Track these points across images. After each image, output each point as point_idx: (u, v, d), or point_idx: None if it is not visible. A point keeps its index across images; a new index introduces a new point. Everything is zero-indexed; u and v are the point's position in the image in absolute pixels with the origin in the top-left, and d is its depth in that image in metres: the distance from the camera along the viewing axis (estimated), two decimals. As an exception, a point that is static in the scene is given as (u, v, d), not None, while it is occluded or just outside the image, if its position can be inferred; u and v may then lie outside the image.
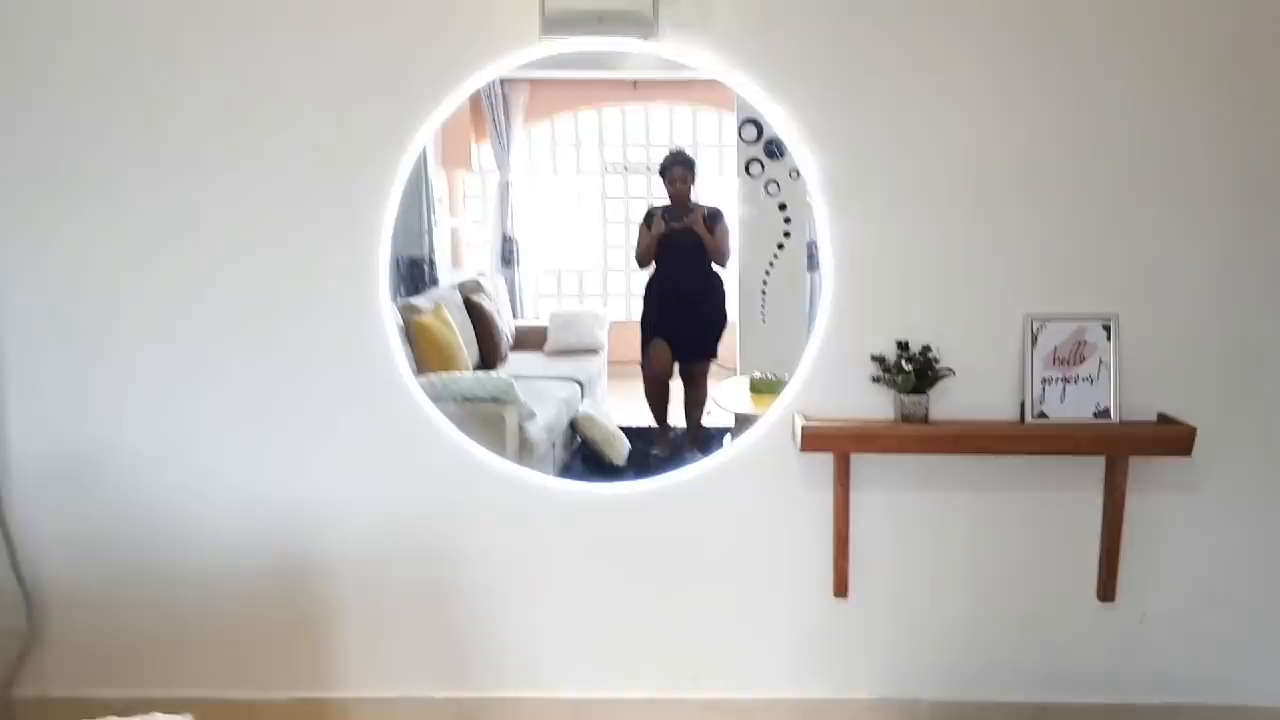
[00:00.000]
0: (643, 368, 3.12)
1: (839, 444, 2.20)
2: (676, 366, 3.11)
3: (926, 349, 2.18)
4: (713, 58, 2.14)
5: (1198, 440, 2.09)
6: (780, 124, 2.17)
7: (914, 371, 2.17)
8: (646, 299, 3.10)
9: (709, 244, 2.96)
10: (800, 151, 2.17)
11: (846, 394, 2.24)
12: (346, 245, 2.23)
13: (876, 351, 2.21)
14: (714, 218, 2.97)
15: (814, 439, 2.17)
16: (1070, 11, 2.08)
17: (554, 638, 2.41)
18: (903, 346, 2.20)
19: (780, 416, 2.28)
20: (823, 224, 2.20)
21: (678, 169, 2.99)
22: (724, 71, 2.14)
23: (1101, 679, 2.35)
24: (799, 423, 2.17)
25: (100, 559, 2.39)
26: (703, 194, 3.07)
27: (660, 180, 3.02)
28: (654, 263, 3.03)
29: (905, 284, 2.20)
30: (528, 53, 2.14)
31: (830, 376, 2.25)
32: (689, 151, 3.04)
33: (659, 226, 2.99)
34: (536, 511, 2.34)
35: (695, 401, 3.08)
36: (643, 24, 2.07)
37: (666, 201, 3.00)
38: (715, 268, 3.01)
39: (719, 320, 3.08)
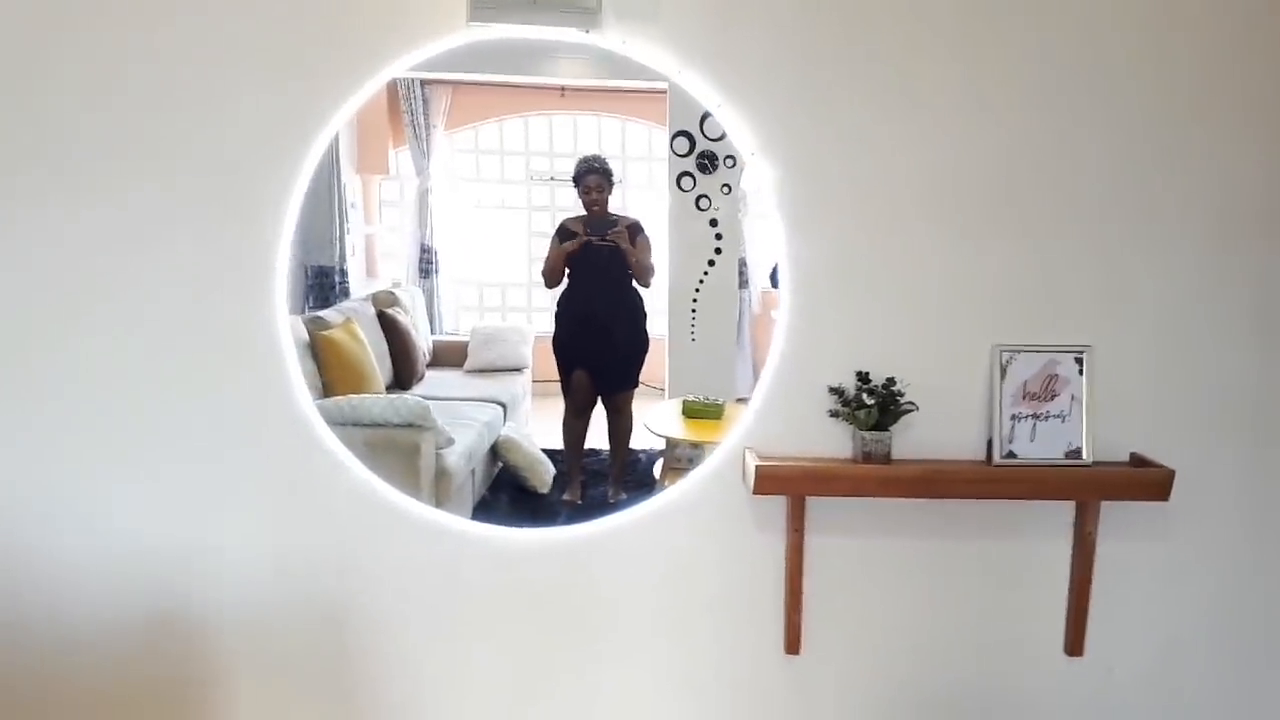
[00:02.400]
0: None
1: (795, 485, 2.00)
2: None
3: (891, 381, 2.00)
4: (662, 54, 1.92)
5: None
6: (735, 132, 1.97)
7: (876, 406, 1.98)
8: (560, 320, 2.87)
9: (635, 262, 2.74)
10: (757, 163, 1.97)
11: (802, 429, 2.05)
12: (241, 255, 1.94)
13: (835, 383, 2.03)
14: (636, 231, 2.75)
15: (769, 480, 1.96)
16: (1045, 35, 1.96)
17: (473, 704, 2.16)
18: (863, 378, 2.02)
19: (729, 452, 2.07)
20: (779, 241, 2.00)
21: (593, 177, 2.76)
22: (675, 71, 1.93)
23: (1067, 738, 2.20)
24: (752, 462, 1.97)
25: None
26: (627, 207, 2.90)
27: (576, 190, 2.80)
28: (566, 280, 2.80)
29: (867, 310, 2.03)
30: (452, 40, 1.89)
31: (784, 409, 2.06)
32: (605, 159, 2.82)
33: (578, 239, 2.75)
34: (454, 560, 2.08)
35: (620, 432, 2.87)
36: (584, 12, 1.84)
37: (581, 213, 2.77)
38: (636, 286, 2.78)
39: (641, 345, 2.88)
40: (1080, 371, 2.02)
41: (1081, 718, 2.20)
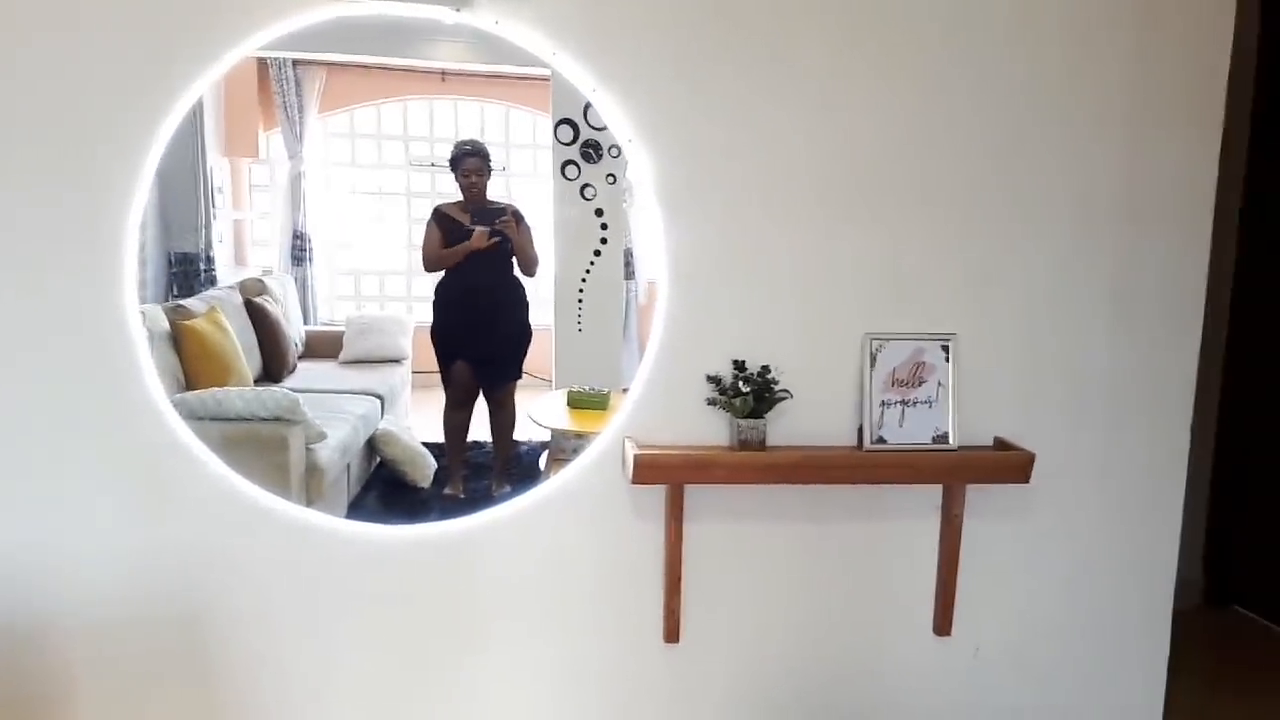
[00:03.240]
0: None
1: (674, 474, 1.99)
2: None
3: (766, 369, 2.01)
4: (536, 36, 1.88)
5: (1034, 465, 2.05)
6: (611, 118, 1.94)
7: (752, 394, 2.00)
8: (438, 309, 2.77)
9: (522, 252, 2.68)
10: (632, 149, 1.95)
11: (680, 417, 2.05)
12: (86, 242, 1.81)
13: (712, 371, 2.03)
14: (518, 219, 2.69)
15: (648, 469, 1.95)
16: (915, 25, 2.00)
17: (346, 707, 2.07)
18: (739, 366, 2.03)
19: (610, 442, 2.05)
20: (656, 230, 1.99)
21: (471, 160, 2.66)
22: (549, 53, 1.89)
23: (937, 715, 2.26)
24: (631, 450, 1.95)
25: None
26: (512, 195, 2.82)
27: (452, 175, 2.70)
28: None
29: (744, 299, 2.04)
30: (312, 15, 1.80)
31: (663, 398, 2.05)
32: (483, 143, 2.73)
33: (461, 229, 2.66)
34: (323, 559, 1.99)
35: (503, 425, 2.80)
36: (455, -11, 1.79)
37: (458, 198, 2.69)
38: (518, 275, 2.73)
39: (524, 336, 2.83)
40: (947, 359, 2.08)
41: (951, 695, 2.27)
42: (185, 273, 2.60)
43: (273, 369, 2.83)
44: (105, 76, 1.77)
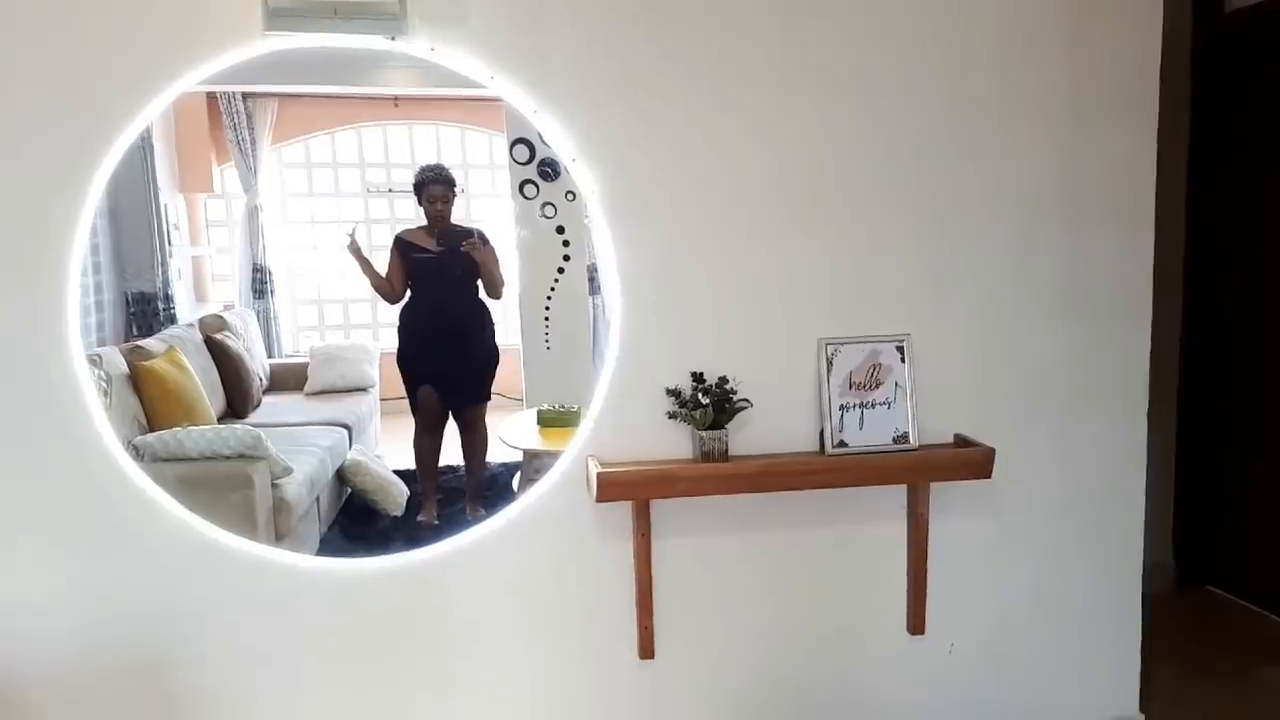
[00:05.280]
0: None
1: (638, 490, 1.99)
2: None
3: (724, 380, 2.01)
4: (473, 61, 1.88)
5: (995, 461, 2.06)
6: (553, 137, 1.94)
7: (711, 405, 2.00)
8: (403, 334, 2.77)
9: (488, 275, 2.68)
10: (576, 168, 1.95)
11: (642, 432, 2.05)
12: (25, 286, 1.79)
13: (671, 384, 2.03)
14: (482, 241, 2.69)
15: (611, 486, 1.94)
16: (852, 34, 2.02)
17: (317, 742, 2.05)
18: (698, 378, 2.03)
19: (573, 462, 2.04)
20: (605, 247, 1.99)
21: (437, 187, 2.67)
22: (487, 77, 1.88)
23: (916, 714, 2.26)
24: (594, 469, 1.95)
25: None
26: (471, 216, 2.83)
27: (416, 200, 2.71)
28: (408, 292, 2.71)
29: (696, 310, 2.04)
30: (246, 51, 1.79)
31: (623, 414, 2.05)
32: (447, 168, 2.73)
33: (426, 253, 2.66)
34: (286, 597, 1.97)
35: (475, 448, 2.79)
36: (388, 18, 1.78)
37: (421, 224, 2.69)
38: (482, 297, 2.72)
39: (491, 359, 2.82)
40: (902, 359, 2.09)
41: (928, 693, 2.27)
42: (144, 312, 2.58)
43: (237, 405, 2.81)
44: (38, 121, 1.75)
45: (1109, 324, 2.20)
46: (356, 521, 2.74)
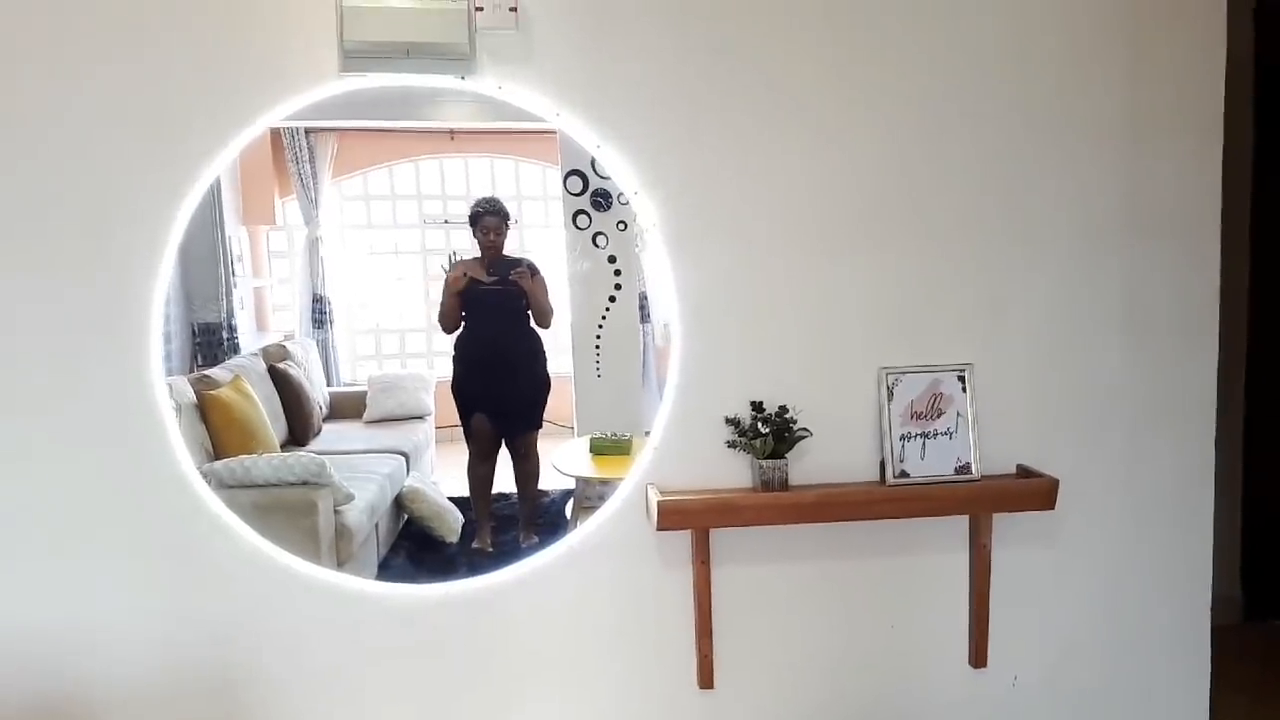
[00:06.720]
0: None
1: (698, 519, 2.00)
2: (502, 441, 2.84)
3: (783, 409, 2.02)
4: (539, 98, 1.93)
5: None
6: (615, 169, 1.98)
7: (771, 434, 2.01)
8: (457, 363, 2.83)
9: (537, 304, 2.73)
10: (638, 200, 1.98)
11: (701, 461, 2.06)
12: (112, 318, 1.86)
13: (730, 414, 2.04)
14: (532, 272, 2.74)
15: (671, 515, 1.95)
16: (911, 60, 2.03)
17: (381, 766, 2.07)
18: (757, 407, 2.04)
19: (633, 490, 2.06)
20: (665, 277, 2.02)
21: (490, 219, 2.74)
22: (553, 114, 1.93)
23: (978, 747, 2.24)
24: (654, 497, 1.96)
25: None
26: (524, 246, 2.89)
27: (470, 231, 2.78)
28: (463, 323, 2.76)
29: (756, 339, 2.06)
30: (322, 91, 1.86)
31: (683, 443, 2.06)
32: (501, 200, 2.80)
33: (460, 273, 2.72)
34: (353, 622, 2.00)
35: (527, 475, 2.82)
36: (458, 58, 1.83)
37: (475, 255, 2.76)
38: (534, 327, 2.77)
39: (542, 387, 2.88)
40: (964, 389, 2.08)
41: (991, 727, 2.24)
42: (209, 342, 2.66)
43: (298, 433, 2.87)
44: (127, 158, 1.83)
45: (1174, 344, 2.18)
46: (414, 547, 2.78)
